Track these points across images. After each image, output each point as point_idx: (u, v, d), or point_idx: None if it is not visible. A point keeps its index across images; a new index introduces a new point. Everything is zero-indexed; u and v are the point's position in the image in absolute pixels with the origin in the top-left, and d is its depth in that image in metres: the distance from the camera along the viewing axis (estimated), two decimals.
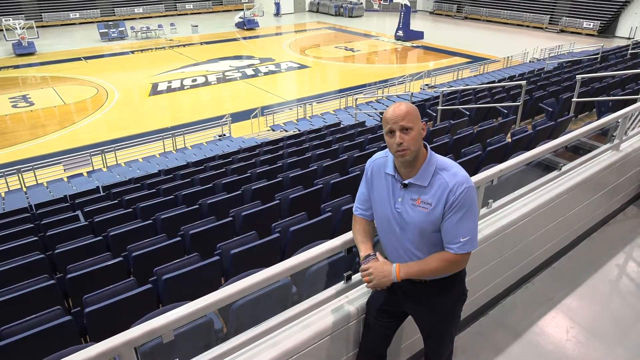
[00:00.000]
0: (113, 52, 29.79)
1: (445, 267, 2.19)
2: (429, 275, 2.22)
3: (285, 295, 2.96)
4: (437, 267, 2.18)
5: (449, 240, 2.16)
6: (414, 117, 2.10)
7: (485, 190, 3.28)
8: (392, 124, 2.10)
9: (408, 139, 2.08)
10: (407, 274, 2.21)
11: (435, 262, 2.18)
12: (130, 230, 5.40)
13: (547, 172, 4.05)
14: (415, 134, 2.10)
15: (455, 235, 2.13)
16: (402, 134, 2.08)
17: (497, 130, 7.96)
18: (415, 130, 2.09)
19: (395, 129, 2.10)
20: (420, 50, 29.93)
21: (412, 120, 2.09)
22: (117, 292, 3.72)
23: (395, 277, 2.21)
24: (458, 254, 2.15)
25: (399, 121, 2.08)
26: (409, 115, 2.09)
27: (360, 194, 2.46)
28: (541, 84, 12.22)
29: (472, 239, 2.15)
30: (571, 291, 3.89)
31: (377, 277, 2.23)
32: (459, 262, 2.19)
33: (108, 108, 19.47)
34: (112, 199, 7.50)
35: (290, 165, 7.65)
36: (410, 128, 2.09)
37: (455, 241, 2.14)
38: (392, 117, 2.10)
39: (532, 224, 3.66)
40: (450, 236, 2.14)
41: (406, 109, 2.10)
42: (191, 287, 3.93)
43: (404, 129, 2.08)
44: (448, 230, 2.14)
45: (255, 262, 3.78)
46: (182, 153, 13.04)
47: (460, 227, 2.12)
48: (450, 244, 2.15)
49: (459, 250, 2.15)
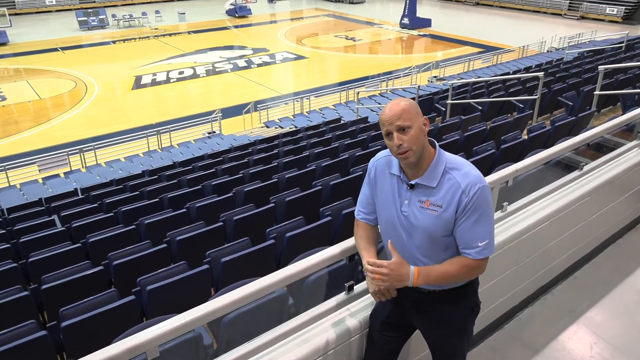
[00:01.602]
0: (93, 42, 29.79)
1: (465, 273, 2.19)
2: (447, 282, 2.21)
3: (281, 308, 2.95)
4: (457, 273, 2.17)
5: (466, 245, 2.15)
6: (412, 114, 2.09)
7: (499, 192, 3.27)
8: (388, 125, 2.09)
9: (408, 139, 2.07)
10: (425, 280, 2.17)
11: (455, 268, 2.17)
12: (111, 236, 5.39)
13: (567, 172, 4.05)
14: (415, 132, 2.08)
15: (473, 240, 2.13)
16: (400, 135, 2.07)
17: (512, 127, 7.96)
18: (414, 128, 2.08)
19: (392, 130, 2.09)
20: (427, 40, 29.97)
21: (409, 117, 2.08)
22: (96, 305, 3.70)
23: (412, 281, 2.16)
24: (477, 260, 2.15)
25: (395, 121, 2.07)
26: (405, 112, 2.08)
27: (362, 196, 2.45)
28: (560, 76, 12.24)
29: (490, 243, 2.15)
30: (595, 303, 3.88)
31: (392, 278, 2.14)
32: (478, 268, 2.19)
33: (87, 103, 19.46)
34: (91, 202, 7.49)
35: (286, 165, 7.65)
36: (409, 127, 2.07)
37: (473, 246, 2.14)
38: (388, 118, 2.09)
39: (551, 229, 3.65)
40: (468, 241, 2.14)
41: (402, 107, 2.08)
42: (178, 299, 3.92)
43: (401, 128, 2.07)
44: (464, 234, 2.13)
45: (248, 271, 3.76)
46: (168, 152, 13.03)
47: (477, 231, 2.11)
48: (468, 249, 2.15)
49: (478, 256, 2.14)
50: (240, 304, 2.23)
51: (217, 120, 15.53)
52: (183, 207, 6.06)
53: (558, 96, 10.20)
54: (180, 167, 9.37)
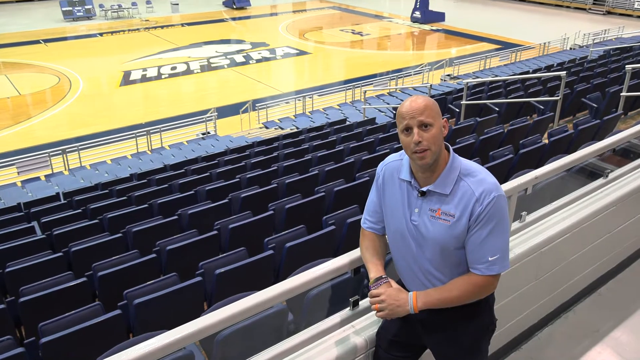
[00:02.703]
0: (78, 34, 29.90)
1: (472, 292, 2.18)
2: (453, 304, 2.22)
3: (280, 324, 2.95)
4: (462, 293, 2.18)
5: (475, 260, 2.15)
6: (434, 112, 2.11)
7: (517, 201, 3.27)
8: (409, 119, 2.10)
9: (428, 137, 2.08)
10: (426, 304, 2.20)
11: (459, 288, 2.18)
12: (95, 245, 5.39)
13: (591, 180, 4.05)
14: (436, 131, 2.10)
15: (483, 254, 2.13)
16: (420, 131, 2.08)
17: (531, 130, 7.97)
18: (435, 128, 2.09)
19: (412, 125, 2.09)
20: (440, 35, 30.02)
21: (432, 115, 2.09)
22: (79, 319, 3.70)
23: (412, 307, 2.21)
24: (486, 276, 2.15)
25: (417, 116, 2.08)
26: (428, 109, 2.09)
27: (369, 203, 2.45)
28: (584, 76, 12.24)
29: (502, 258, 2.14)
30: (620, 322, 3.87)
31: (390, 305, 2.22)
32: (487, 286, 2.18)
33: (71, 100, 19.51)
34: (74, 208, 7.49)
35: (287, 169, 7.66)
36: (430, 124, 2.09)
37: (482, 260, 2.13)
38: (409, 111, 2.10)
39: (573, 241, 3.65)
40: (477, 255, 2.14)
41: (425, 102, 2.10)
42: (168, 314, 3.92)
43: (423, 125, 2.08)
44: (474, 247, 2.13)
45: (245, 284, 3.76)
46: (158, 154, 13.05)
47: (488, 244, 2.11)
48: (477, 264, 2.15)
49: (487, 272, 2.14)
50: (235, 319, 2.23)
51: (212, 120, 15.55)
52: (174, 214, 6.06)
53: (582, 97, 10.20)
54: (172, 171, 9.37)
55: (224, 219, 5.60)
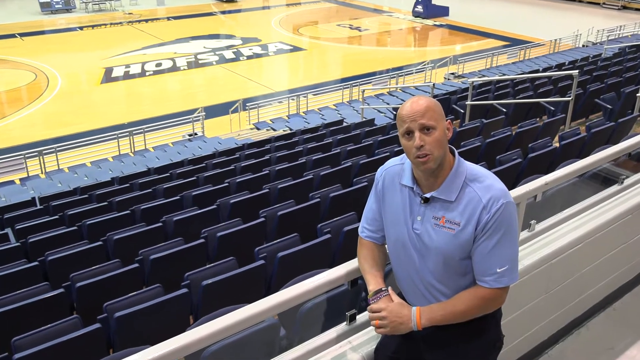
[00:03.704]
0: (56, 28, 29.87)
1: (478, 306, 2.18)
2: (458, 319, 2.21)
3: (272, 340, 2.94)
4: (468, 308, 2.18)
5: (482, 272, 2.15)
6: (437, 114, 2.11)
7: (526, 209, 3.28)
8: (410, 122, 2.10)
9: (430, 141, 2.08)
10: (430, 321, 2.20)
11: (465, 302, 2.18)
12: (74, 254, 5.38)
13: (605, 187, 4.06)
14: (439, 134, 2.10)
15: (490, 265, 2.13)
16: (422, 135, 2.08)
17: (541, 132, 7.99)
18: (438, 131, 2.10)
19: (413, 128, 2.10)
20: (444, 30, 30.14)
21: (434, 117, 2.10)
22: (56, 334, 3.68)
23: (415, 324, 2.20)
24: (494, 289, 2.15)
25: (418, 118, 2.09)
26: (430, 111, 2.09)
27: (368, 210, 2.45)
28: (598, 75, 12.29)
29: (511, 269, 2.14)
30: (637, 339, 3.87)
31: (392, 322, 2.21)
32: (495, 300, 2.18)
33: (48, 98, 19.48)
34: (51, 214, 7.48)
35: (279, 173, 7.66)
36: (433, 127, 2.09)
37: (490, 272, 2.13)
38: (410, 114, 2.10)
39: (586, 251, 3.65)
40: (484, 266, 2.14)
41: (426, 104, 2.11)
42: (151, 328, 3.91)
43: (425, 128, 2.09)
44: (481, 258, 2.13)
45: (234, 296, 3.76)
46: (141, 156, 13.04)
47: (496, 255, 2.11)
48: (484, 276, 2.15)
49: (496, 284, 2.14)
50: (223, 335, 2.23)
51: (199, 121, 15.55)
52: (158, 220, 6.06)
53: (595, 98, 10.24)
54: (156, 175, 9.36)
55: (212, 226, 5.60)
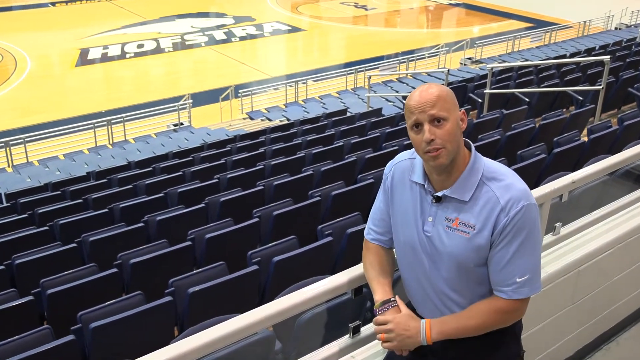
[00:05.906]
0: (25, 4, 29.80)
1: (496, 319, 2.18)
2: (472, 333, 2.21)
3: (266, 354, 2.95)
4: (484, 321, 2.17)
5: (500, 282, 2.15)
6: (449, 104, 2.11)
7: (551, 210, 3.28)
8: (419, 113, 2.10)
9: (442, 134, 2.08)
10: (441, 334, 2.20)
11: (480, 314, 2.18)
12: (44, 257, 5.38)
13: (638, 186, 4.06)
14: (452, 126, 2.09)
15: (510, 274, 2.12)
16: (432, 127, 2.08)
17: (568, 125, 7.99)
18: (451, 122, 2.09)
19: (422, 120, 2.09)
20: (460, 10, 30.10)
21: (446, 107, 2.09)
22: (25, 345, 3.68)
23: (424, 338, 2.20)
24: (513, 301, 2.14)
25: (428, 109, 2.08)
26: (441, 100, 2.09)
27: (375, 210, 2.45)
28: (631, 61, 12.28)
29: (532, 279, 2.14)
30: None
31: (399, 336, 2.21)
32: (514, 312, 2.18)
33: (16, 82, 19.47)
34: (19, 213, 7.48)
35: (275, 168, 7.66)
36: (444, 118, 2.08)
37: (509, 282, 2.13)
38: (418, 104, 2.10)
39: (617, 257, 3.66)
40: (502, 275, 2.13)
41: (437, 92, 2.10)
42: (131, 340, 3.91)
43: (436, 119, 2.08)
44: (499, 267, 2.13)
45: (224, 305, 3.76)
46: (121, 149, 13.03)
47: (516, 262, 2.11)
48: (502, 286, 2.14)
49: (515, 295, 2.14)
50: (212, 348, 2.23)
51: (185, 109, 15.53)
52: (139, 220, 6.06)
53: (628, 87, 10.23)
54: (137, 169, 9.36)
55: (200, 227, 5.60)
